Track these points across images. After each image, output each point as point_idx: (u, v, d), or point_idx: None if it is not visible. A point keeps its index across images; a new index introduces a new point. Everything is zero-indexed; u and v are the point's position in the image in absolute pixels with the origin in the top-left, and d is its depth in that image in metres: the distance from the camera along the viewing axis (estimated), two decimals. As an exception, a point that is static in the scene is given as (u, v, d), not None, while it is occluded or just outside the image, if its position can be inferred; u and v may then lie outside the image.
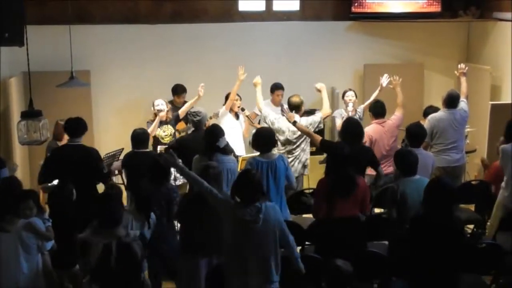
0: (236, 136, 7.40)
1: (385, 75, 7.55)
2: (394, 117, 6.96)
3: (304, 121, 6.68)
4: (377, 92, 7.60)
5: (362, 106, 7.65)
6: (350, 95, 7.54)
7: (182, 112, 7.54)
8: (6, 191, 5.07)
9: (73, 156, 5.87)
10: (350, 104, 7.30)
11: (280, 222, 4.42)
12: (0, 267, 4.91)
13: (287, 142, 6.67)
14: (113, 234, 4.43)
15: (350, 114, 7.26)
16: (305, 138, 6.69)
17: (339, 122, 7.31)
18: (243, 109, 7.52)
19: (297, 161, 6.72)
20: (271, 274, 4.36)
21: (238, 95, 7.53)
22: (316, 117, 6.77)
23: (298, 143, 6.67)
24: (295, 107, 6.73)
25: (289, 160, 6.53)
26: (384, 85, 7.51)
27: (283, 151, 6.64)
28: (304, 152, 6.75)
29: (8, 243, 4.78)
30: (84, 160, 5.87)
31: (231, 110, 7.50)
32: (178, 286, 5.16)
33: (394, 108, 7.09)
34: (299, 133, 6.57)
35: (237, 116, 7.58)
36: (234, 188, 4.44)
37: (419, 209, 4.88)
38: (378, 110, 6.92)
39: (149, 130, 7.37)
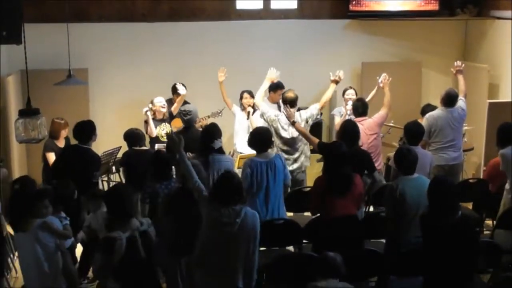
0: (244, 133, 7.41)
1: (383, 74, 7.40)
2: (377, 115, 6.89)
3: (303, 114, 6.69)
4: (374, 91, 7.59)
5: None
6: (350, 94, 7.55)
7: (174, 109, 7.56)
8: (21, 190, 5.09)
9: (77, 158, 6.04)
10: (350, 102, 7.25)
11: (256, 232, 4.31)
12: (21, 267, 4.98)
13: (291, 138, 6.65)
14: (131, 226, 4.36)
15: (349, 112, 7.26)
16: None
17: (338, 120, 7.30)
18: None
19: (303, 155, 6.74)
20: (237, 281, 4.29)
21: (249, 93, 7.53)
22: (314, 110, 6.76)
23: (300, 137, 6.63)
24: (290, 102, 6.70)
25: (295, 156, 6.55)
26: (381, 85, 7.46)
27: (286, 148, 6.64)
28: (306, 145, 6.74)
29: (25, 242, 4.82)
30: (85, 164, 6.04)
31: (243, 108, 7.53)
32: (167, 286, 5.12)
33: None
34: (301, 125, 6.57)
35: (249, 115, 7.51)
36: (213, 188, 4.43)
37: (418, 208, 4.92)
38: (359, 109, 6.84)
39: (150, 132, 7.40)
